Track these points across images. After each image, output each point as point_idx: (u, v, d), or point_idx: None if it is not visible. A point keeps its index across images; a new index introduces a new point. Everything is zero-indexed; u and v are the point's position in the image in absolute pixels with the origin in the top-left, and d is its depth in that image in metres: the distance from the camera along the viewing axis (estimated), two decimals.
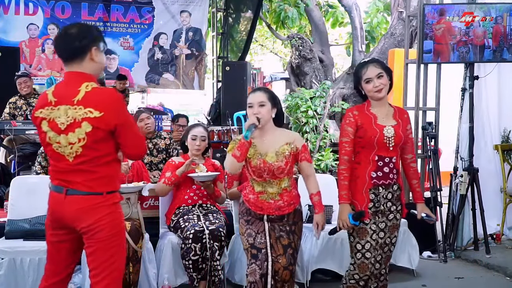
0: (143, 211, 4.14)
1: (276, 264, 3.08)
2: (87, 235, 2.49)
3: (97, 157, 2.47)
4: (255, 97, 3.15)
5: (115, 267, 2.54)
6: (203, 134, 4.23)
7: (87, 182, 2.47)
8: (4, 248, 3.68)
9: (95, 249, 2.50)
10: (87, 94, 2.44)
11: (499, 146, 5.72)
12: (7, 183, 5.19)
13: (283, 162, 3.11)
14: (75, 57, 2.50)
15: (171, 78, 9.77)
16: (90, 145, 2.44)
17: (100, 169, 2.49)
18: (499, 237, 5.61)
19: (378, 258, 3.14)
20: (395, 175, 3.12)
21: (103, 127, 2.43)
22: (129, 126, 2.52)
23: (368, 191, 3.08)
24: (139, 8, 9.49)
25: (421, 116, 5.74)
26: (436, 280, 4.64)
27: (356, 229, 3.10)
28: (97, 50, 2.52)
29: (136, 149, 2.59)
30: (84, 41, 2.49)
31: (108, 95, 2.48)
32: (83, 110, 2.42)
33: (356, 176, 3.11)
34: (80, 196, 2.47)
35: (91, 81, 2.49)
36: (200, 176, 4.05)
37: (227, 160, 3.10)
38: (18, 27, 8.84)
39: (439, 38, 5.40)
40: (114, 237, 2.52)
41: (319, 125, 8.59)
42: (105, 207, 2.50)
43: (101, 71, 2.68)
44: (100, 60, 2.56)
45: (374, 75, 3.07)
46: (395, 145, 3.08)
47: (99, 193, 2.49)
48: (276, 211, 3.15)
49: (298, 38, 10.98)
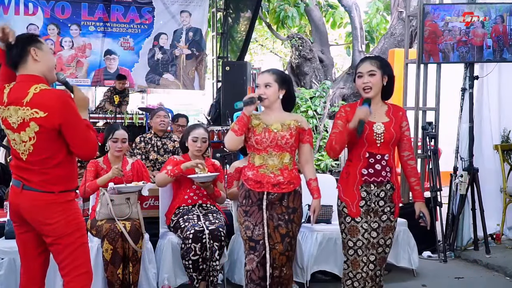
0: (143, 211, 4.14)
1: (273, 251, 3.11)
2: (44, 233, 2.64)
3: (48, 157, 2.60)
4: (261, 78, 3.20)
5: (79, 263, 2.67)
6: (204, 136, 4.24)
7: (40, 182, 2.61)
8: (4, 248, 3.69)
9: (55, 247, 2.65)
10: (35, 96, 2.56)
11: (499, 146, 5.72)
12: (7, 183, 5.20)
13: (288, 132, 3.15)
14: (18, 62, 2.63)
15: (171, 78, 9.77)
16: (40, 144, 2.58)
17: (51, 171, 2.62)
18: (499, 237, 5.61)
19: (372, 259, 3.12)
20: (388, 173, 3.09)
21: (49, 126, 2.55)
22: (74, 126, 2.60)
23: (360, 188, 3.08)
24: (139, 8, 9.48)
25: (421, 116, 5.73)
26: (436, 280, 4.64)
27: (347, 227, 3.10)
28: (36, 50, 2.62)
29: (83, 149, 2.65)
30: (20, 45, 2.62)
31: (53, 96, 2.57)
32: (30, 111, 2.56)
33: (348, 173, 3.12)
34: (34, 192, 2.62)
35: (40, 83, 2.61)
36: (200, 177, 4.05)
37: (227, 135, 3.15)
38: (18, 28, 8.80)
39: (425, 39, 5.40)
40: (71, 234, 2.64)
41: (319, 125, 8.60)
42: (57, 205, 2.63)
43: (52, 69, 2.72)
44: (44, 59, 2.65)
45: (365, 71, 3.06)
46: (385, 142, 3.06)
47: (51, 191, 2.62)
48: (275, 188, 3.14)
49: (298, 38, 10.99)
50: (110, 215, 3.78)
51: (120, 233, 3.71)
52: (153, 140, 5.51)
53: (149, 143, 5.49)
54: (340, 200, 3.15)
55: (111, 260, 3.69)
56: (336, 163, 8.65)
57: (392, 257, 4.40)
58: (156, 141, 5.50)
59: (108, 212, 3.80)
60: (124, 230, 3.69)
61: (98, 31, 9.32)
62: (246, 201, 3.20)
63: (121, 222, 3.75)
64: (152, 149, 5.46)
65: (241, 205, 3.24)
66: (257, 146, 3.16)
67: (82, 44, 9.25)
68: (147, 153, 5.45)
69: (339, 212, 3.18)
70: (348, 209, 3.10)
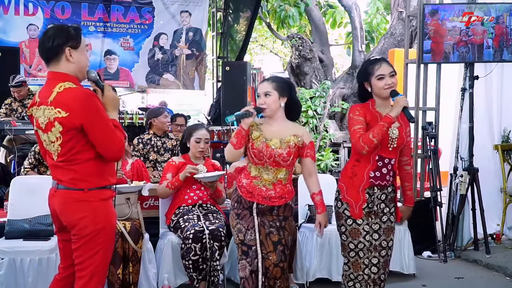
0: (143, 211, 4.14)
1: (266, 261, 3.05)
2: (72, 231, 2.58)
3: (75, 155, 2.54)
4: (261, 87, 3.17)
5: (98, 264, 2.60)
6: (207, 137, 4.25)
7: (70, 180, 2.56)
8: (4, 248, 3.68)
9: (78, 245, 2.58)
10: (58, 95, 2.51)
11: (499, 146, 5.72)
12: (7, 183, 5.19)
13: (286, 151, 3.09)
14: (50, 58, 2.58)
15: (171, 78, 9.76)
16: (67, 144, 2.52)
17: (79, 168, 2.55)
18: (499, 237, 5.62)
19: (374, 261, 3.10)
20: (392, 177, 3.11)
21: (71, 126, 2.49)
22: (97, 126, 2.52)
23: (364, 190, 3.07)
24: (139, 8, 9.48)
25: (421, 116, 5.73)
26: (436, 280, 4.64)
27: (349, 229, 3.09)
28: (71, 50, 2.56)
29: (106, 150, 2.56)
30: (56, 41, 2.55)
31: (75, 95, 2.51)
32: (54, 110, 2.51)
33: (354, 174, 3.10)
34: (65, 190, 2.57)
35: (66, 81, 2.54)
36: (206, 177, 4.05)
37: (227, 148, 3.13)
38: (18, 28, 8.82)
39: (432, 38, 5.41)
40: (97, 235, 2.57)
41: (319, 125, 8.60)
42: (87, 203, 2.56)
43: (84, 69, 2.66)
44: (78, 60, 2.60)
45: (387, 73, 3.04)
46: (397, 146, 3.07)
47: (80, 189, 2.56)
48: (265, 200, 3.12)
49: (298, 38, 10.98)
50: None
51: (120, 233, 3.71)
52: (152, 140, 5.48)
53: (149, 143, 5.46)
54: (343, 200, 3.12)
55: (111, 260, 3.67)
56: (336, 163, 8.65)
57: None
58: (156, 141, 5.48)
59: None
60: (124, 230, 3.70)
61: (98, 31, 9.31)
62: (238, 205, 3.18)
63: (121, 222, 3.75)
64: (152, 149, 5.44)
65: (233, 208, 3.22)
66: (254, 158, 3.13)
67: None
68: (146, 154, 5.43)
69: (338, 214, 3.14)
70: (351, 210, 3.08)
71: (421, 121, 5.72)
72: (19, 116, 6.45)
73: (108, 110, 2.63)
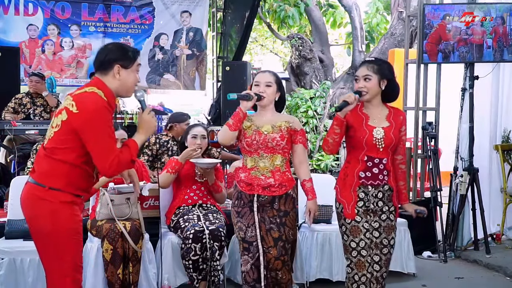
0: (143, 211, 4.14)
1: (267, 255, 3.10)
2: (30, 229, 2.57)
3: (60, 149, 2.52)
4: (263, 76, 3.21)
5: (62, 268, 2.53)
6: (203, 133, 4.27)
7: (40, 173, 2.55)
8: (4, 248, 3.69)
9: (37, 245, 2.58)
10: (83, 93, 2.56)
11: (499, 146, 5.72)
12: (7, 183, 5.20)
13: (279, 134, 3.15)
14: (99, 69, 2.63)
15: (172, 78, 9.75)
16: (61, 135, 2.52)
17: (54, 163, 2.52)
18: (499, 237, 5.62)
19: (376, 259, 3.11)
20: (386, 176, 3.10)
21: (71, 122, 2.51)
22: (92, 137, 2.49)
23: (357, 189, 3.08)
24: (139, 8, 9.48)
25: (421, 116, 5.74)
26: (436, 280, 4.64)
27: (349, 228, 3.09)
28: (120, 68, 2.60)
29: (97, 163, 2.53)
30: (108, 56, 2.61)
31: (89, 101, 2.52)
32: (71, 102, 2.54)
33: (346, 175, 3.12)
34: (31, 185, 2.56)
35: (101, 89, 2.57)
36: (202, 162, 4.06)
37: (221, 129, 3.17)
38: (18, 28, 8.81)
39: (432, 38, 5.41)
40: (50, 238, 2.51)
41: (319, 125, 8.61)
42: (47, 203, 2.51)
43: (129, 91, 2.70)
44: (125, 78, 2.63)
45: (361, 75, 3.08)
46: (385, 146, 3.07)
47: (42, 185, 2.52)
48: (265, 191, 3.14)
49: (298, 38, 10.99)
50: (110, 215, 3.78)
51: (120, 233, 3.71)
52: (169, 143, 5.40)
53: (165, 146, 5.38)
54: (338, 201, 3.15)
55: (111, 260, 3.69)
56: (336, 163, 8.65)
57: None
58: (173, 145, 5.41)
59: (108, 212, 3.80)
60: (124, 230, 3.70)
61: (98, 32, 9.30)
62: (238, 202, 3.21)
63: (121, 222, 3.75)
64: (166, 152, 5.37)
65: (234, 206, 3.25)
66: (248, 148, 3.17)
67: (82, 45, 9.23)
68: (159, 155, 5.34)
69: (338, 214, 3.16)
70: (344, 210, 3.10)
71: (421, 121, 5.72)
72: (26, 111, 6.39)
73: (139, 132, 2.69)
